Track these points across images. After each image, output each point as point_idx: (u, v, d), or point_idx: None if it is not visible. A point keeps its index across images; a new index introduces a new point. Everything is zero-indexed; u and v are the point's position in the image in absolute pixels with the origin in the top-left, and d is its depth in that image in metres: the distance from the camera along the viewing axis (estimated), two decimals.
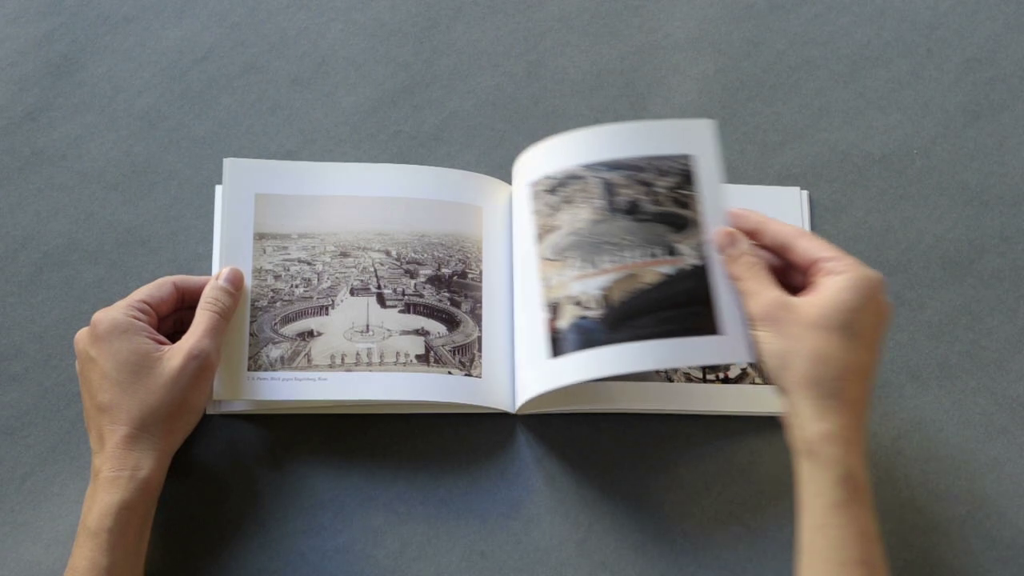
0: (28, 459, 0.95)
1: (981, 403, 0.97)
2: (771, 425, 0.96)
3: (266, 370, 0.94)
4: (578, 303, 0.91)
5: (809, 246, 0.87)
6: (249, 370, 0.94)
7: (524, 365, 0.94)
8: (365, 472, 0.95)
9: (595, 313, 0.91)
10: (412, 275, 0.98)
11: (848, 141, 1.05)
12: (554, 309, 0.92)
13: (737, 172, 1.03)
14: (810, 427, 0.82)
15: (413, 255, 0.99)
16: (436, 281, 0.98)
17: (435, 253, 0.99)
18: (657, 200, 0.93)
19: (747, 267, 0.89)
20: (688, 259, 0.91)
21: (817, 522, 0.81)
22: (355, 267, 0.98)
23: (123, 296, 0.95)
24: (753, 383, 0.98)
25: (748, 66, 1.08)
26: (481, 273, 0.99)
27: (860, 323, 0.83)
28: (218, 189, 1.00)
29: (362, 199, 1.00)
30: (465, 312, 0.97)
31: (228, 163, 0.98)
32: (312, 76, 1.08)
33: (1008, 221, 1.02)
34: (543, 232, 0.95)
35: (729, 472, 0.95)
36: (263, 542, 0.92)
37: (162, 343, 0.89)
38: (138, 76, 1.08)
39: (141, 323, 0.89)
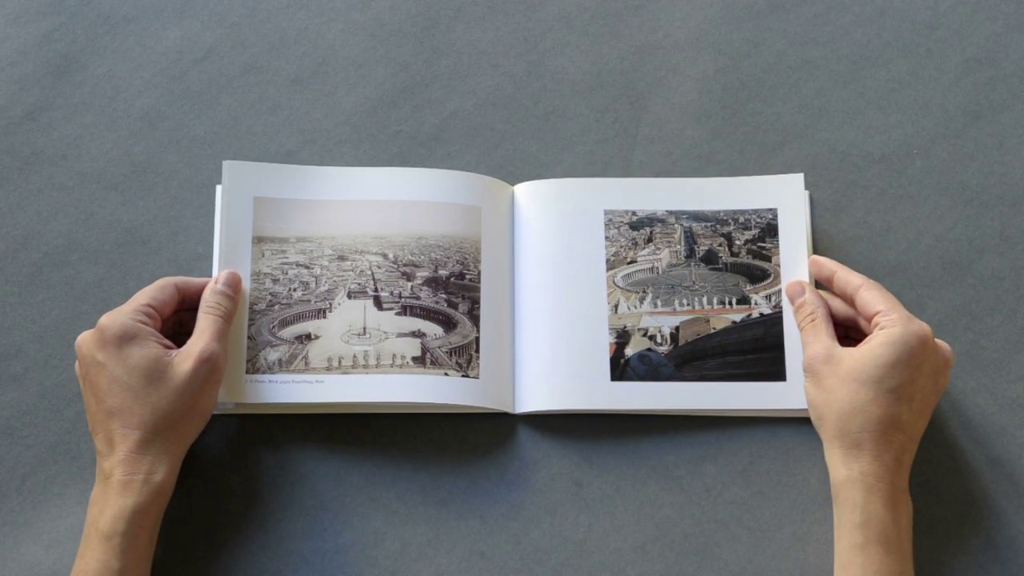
0: (28, 459, 0.95)
1: (980, 403, 0.97)
2: (771, 425, 0.96)
3: (264, 373, 0.94)
4: (648, 336, 0.97)
5: (868, 298, 0.91)
6: (247, 373, 0.94)
7: (570, 377, 0.96)
8: (365, 473, 0.95)
9: (663, 349, 0.97)
10: (409, 277, 0.98)
11: (848, 141, 1.05)
12: (621, 336, 0.97)
13: (737, 173, 1.03)
14: (835, 472, 0.88)
15: (410, 257, 0.99)
16: (433, 283, 0.98)
17: (432, 255, 0.99)
18: (735, 252, 0.99)
19: (808, 317, 0.94)
20: (759, 308, 0.97)
21: (842, 561, 0.86)
22: (352, 270, 0.98)
23: (123, 296, 0.95)
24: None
25: (748, 66, 1.08)
26: (480, 274, 0.99)
27: (894, 377, 0.87)
28: (218, 189, 1.00)
29: (360, 203, 1.00)
30: (462, 313, 0.97)
31: (227, 166, 0.98)
32: (312, 76, 1.08)
33: (1008, 221, 1.02)
34: (616, 260, 0.99)
35: (729, 473, 0.95)
36: (263, 542, 0.93)
37: (168, 347, 0.89)
38: (138, 76, 1.08)
39: (149, 328, 0.89)
